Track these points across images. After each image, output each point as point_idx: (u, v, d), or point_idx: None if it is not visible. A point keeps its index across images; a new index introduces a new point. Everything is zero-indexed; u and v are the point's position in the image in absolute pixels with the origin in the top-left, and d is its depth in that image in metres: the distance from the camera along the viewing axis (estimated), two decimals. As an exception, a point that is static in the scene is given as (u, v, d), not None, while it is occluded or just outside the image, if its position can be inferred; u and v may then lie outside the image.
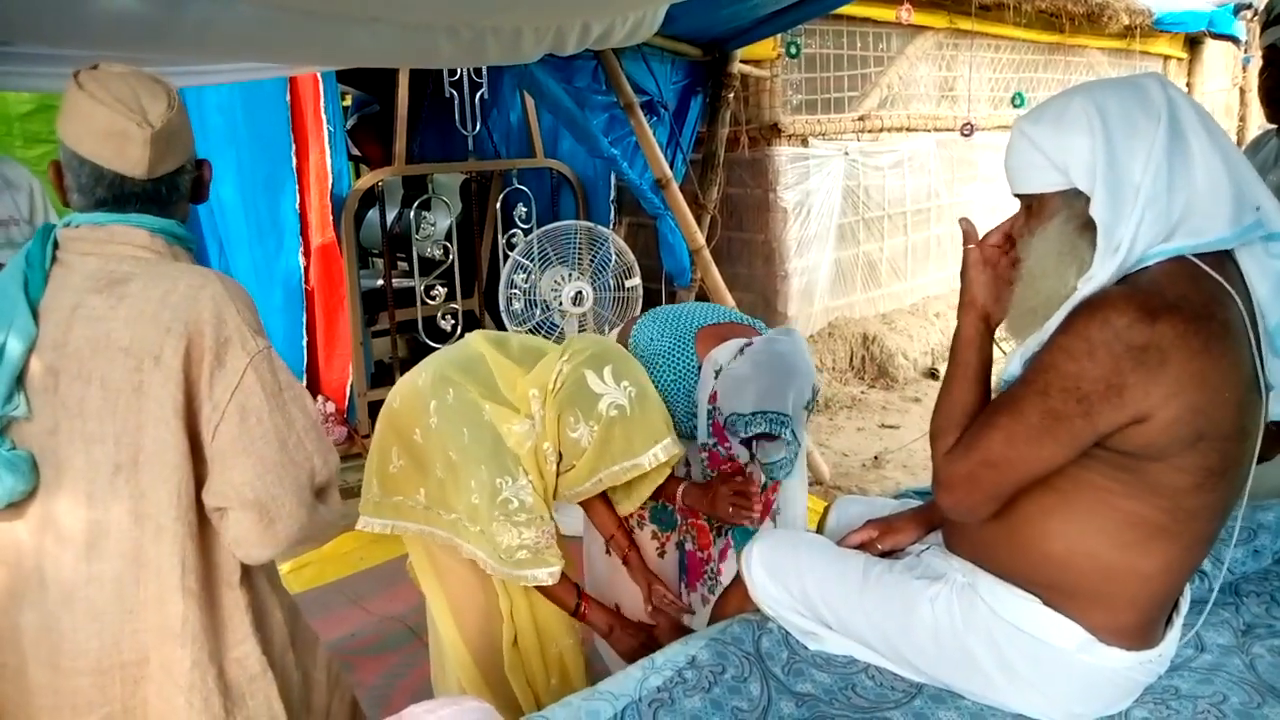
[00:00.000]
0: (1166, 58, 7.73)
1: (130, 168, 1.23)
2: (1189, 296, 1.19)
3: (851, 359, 5.40)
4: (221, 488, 1.20)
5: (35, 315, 1.22)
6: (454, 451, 1.80)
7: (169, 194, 1.28)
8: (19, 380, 1.21)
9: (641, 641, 1.96)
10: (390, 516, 1.95)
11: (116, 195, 1.25)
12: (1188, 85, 8.00)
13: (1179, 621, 1.43)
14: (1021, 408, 1.26)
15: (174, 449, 1.19)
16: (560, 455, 1.85)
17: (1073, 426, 1.22)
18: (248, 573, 1.31)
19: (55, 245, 1.27)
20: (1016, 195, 1.38)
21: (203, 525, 1.24)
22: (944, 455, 1.35)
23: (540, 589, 1.85)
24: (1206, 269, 1.23)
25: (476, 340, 1.99)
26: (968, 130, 5.46)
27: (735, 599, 1.78)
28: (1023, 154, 1.32)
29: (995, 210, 6.48)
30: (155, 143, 1.23)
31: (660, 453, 1.80)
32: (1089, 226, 1.28)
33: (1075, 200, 1.29)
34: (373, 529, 1.98)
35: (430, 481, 1.87)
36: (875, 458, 4.27)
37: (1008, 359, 1.37)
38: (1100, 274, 1.25)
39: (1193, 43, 8.04)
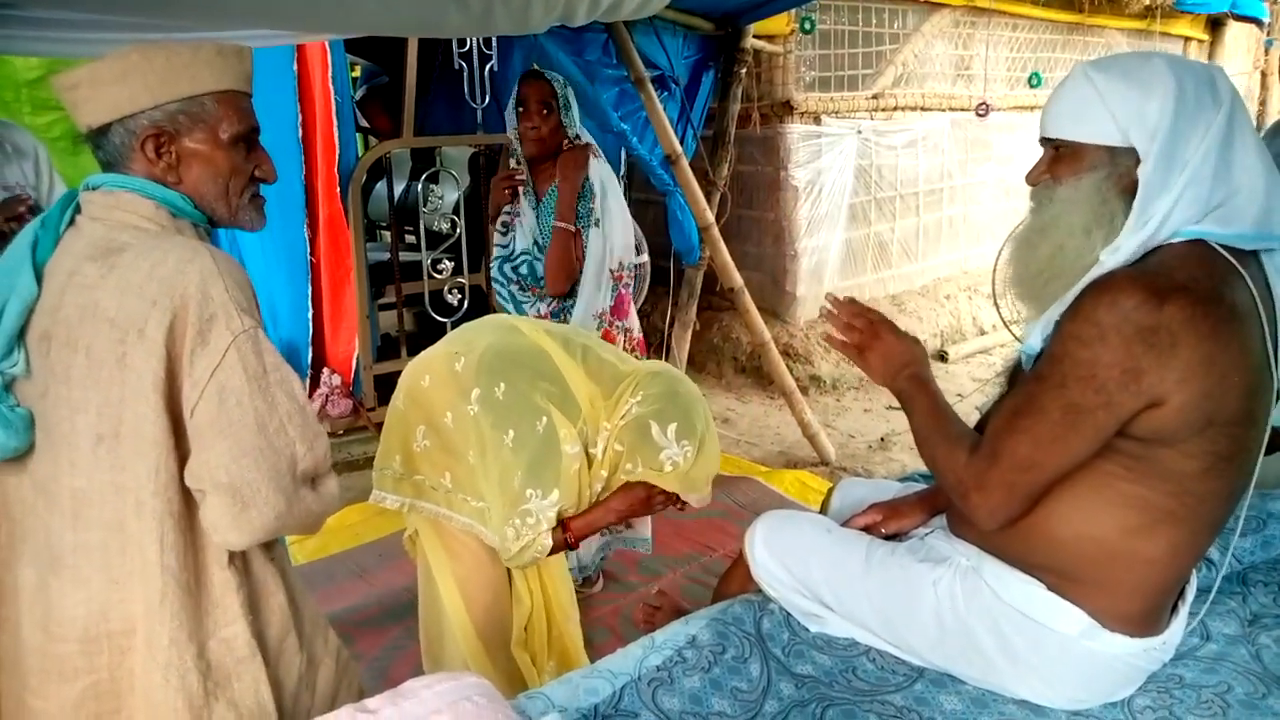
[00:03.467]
0: (1187, 39, 7.61)
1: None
2: (1198, 279, 1.19)
3: (860, 340, 5.37)
4: (197, 469, 1.18)
5: (39, 277, 1.21)
6: (490, 448, 1.76)
7: (97, 149, 1.25)
8: (21, 339, 1.21)
9: (644, 491, 1.87)
10: (409, 494, 1.93)
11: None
12: (1208, 68, 7.88)
13: (1184, 609, 1.42)
14: (1042, 404, 1.24)
15: (153, 424, 1.16)
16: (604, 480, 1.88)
17: (1096, 419, 1.21)
18: (242, 554, 1.28)
19: (77, 209, 1.26)
20: (1048, 138, 1.33)
21: (188, 503, 1.22)
22: (965, 466, 1.33)
23: None
24: (1220, 249, 1.21)
25: (536, 333, 1.89)
26: (983, 110, 5.39)
27: (737, 579, 1.78)
28: (1081, 98, 1.28)
29: (1009, 192, 6.41)
30: (60, 88, 1.20)
31: (695, 502, 1.88)
32: (1129, 190, 1.25)
33: (1123, 158, 1.26)
34: (386, 504, 1.96)
35: (460, 466, 1.84)
36: (881, 439, 4.26)
37: (1026, 332, 1.36)
38: (1126, 246, 1.23)
39: (1214, 24, 7.90)
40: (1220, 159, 1.21)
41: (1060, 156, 1.32)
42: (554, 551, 1.82)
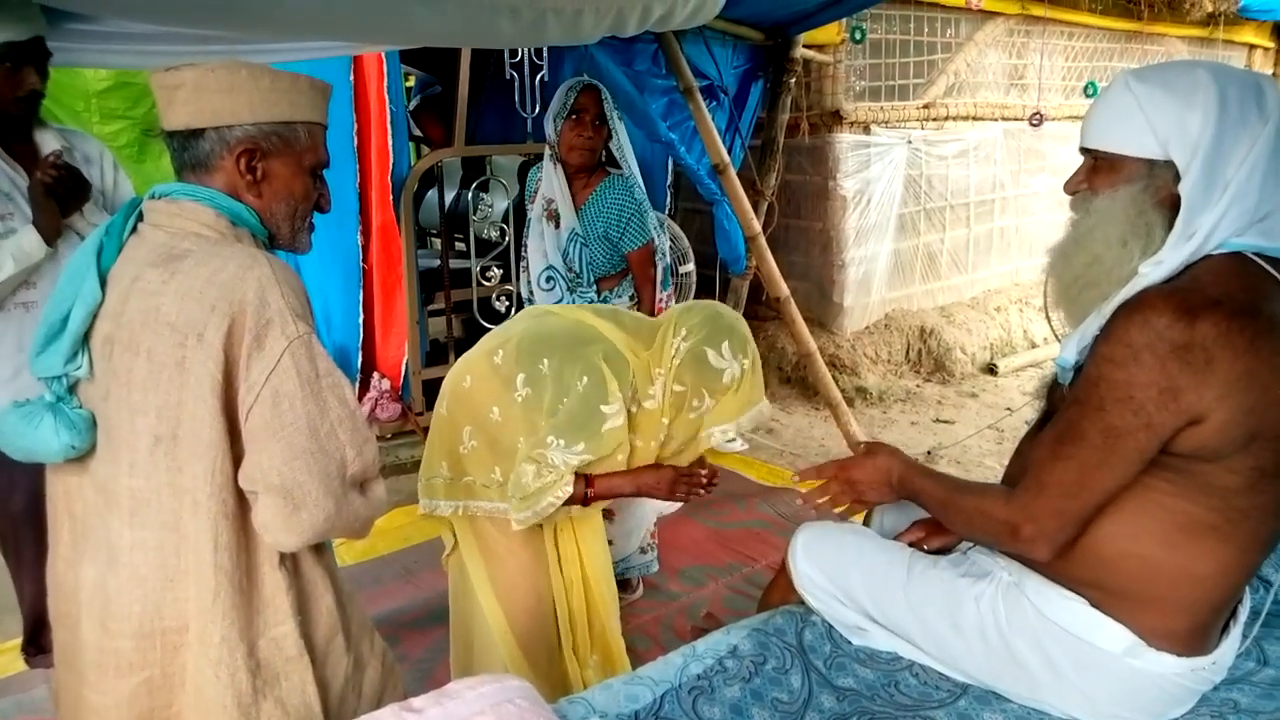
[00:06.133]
0: (1252, 47, 7.40)
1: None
2: (1232, 293, 1.17)
3: (908, 352, 5.31)
4: (251, 471, 1.20)
5: (104, 283, 1.26)
6: (541, 417, 1.80)
7: (182, 150, 1.28)
8: (85, 343, 1.26)
9: (673, 475, 1.91)
10: (462, 497, 1.95)
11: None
12: (1274, 76, 7.66)
13: (1236, 630, 1.38)
14: (1082, 430, 1.23)
15: (210, 427, 1.19)
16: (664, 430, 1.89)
17: (1136, 440, 1.20)
18: (293, 555, 1.31)
19: (140, 217, 1.31)
20: (1088, 148, 1.31)
21: (242, 504, 1.24)
22: (1007, 505, 1.32)
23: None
24: (1261, 262, 1.19)
25: (567, 311, 1.97)
26: (1037, 120, 5.30)
27: (779, 590, 1.77)
28: (1121, 108, 1.25)
29: (1063, 203, 6.28)
30: (159, 84, 1.24)
31: (753, 418, 1.88)
32: (1166, 203, 1.24)
33: (1161, 171, 1.24)
34: (439, 512, 1.97)
35: (507, 460, 1.86)
36: (928, 452, 4.20)
37: (1062, 344, 1.34)
38: (1170, 260, 1.22)
39: (1281, 32, 7.68)
40: (1268, 173, 1.19)
41: (1098, 167, 1.31)
42: (570, 502, 1.82)
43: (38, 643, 2.36)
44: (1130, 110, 1.24)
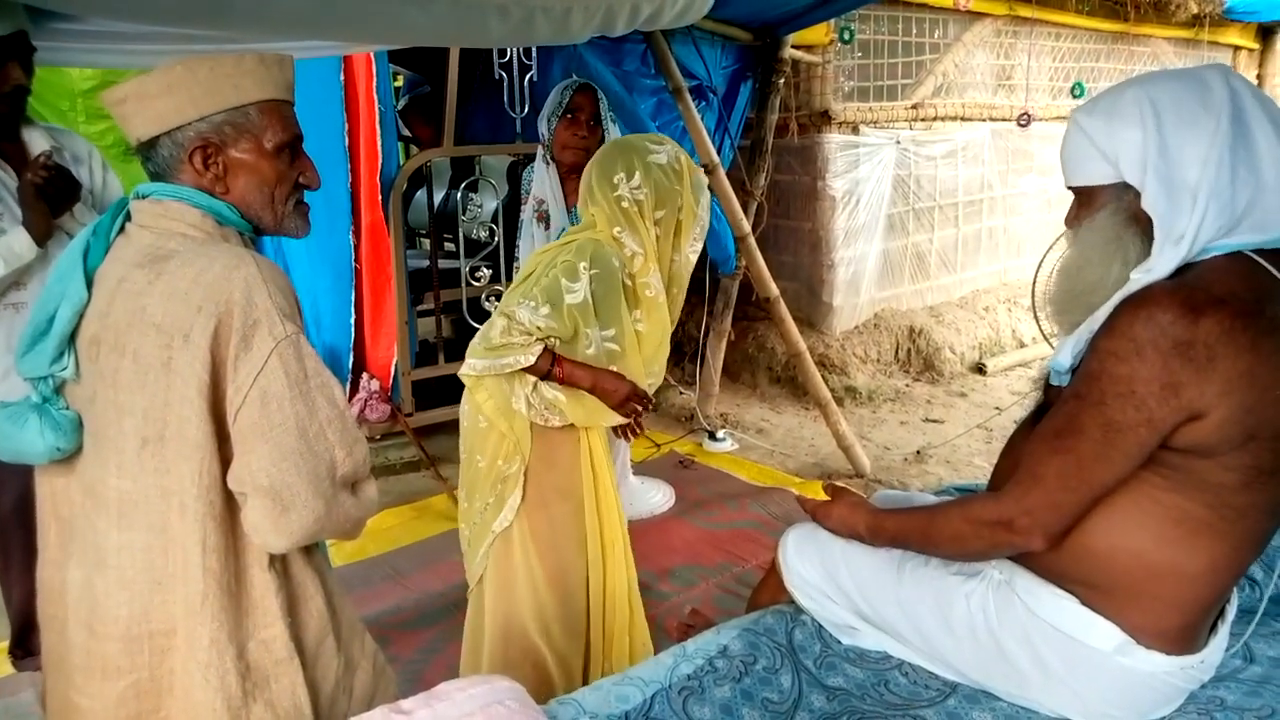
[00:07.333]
0: (1237, 48, 7.46)
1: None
2: (1236, 292, 1.18)
3: (897, 351, 5.32)
4: (240, 472, 1.19)
5: (90, 283, 1.25)
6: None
7: (146, 161, 1.27)
8: (71, 344, 1.25)
9: (630, 389, 2.02)
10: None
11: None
12: (1258, 78, 7.71)
13: (1224, 628, 1.39)
14: (1082, 423, 1.24)
15: (197, 428, 1.18)
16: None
17: (1137, 435, 1.20)
18: (282, 557, 1.29)
19: (128, 217, 1.29)
20: (1069, 187, 1.37)
21: (231, 506, 1.23)
22: (998, 503, 1.33)
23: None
24: (1263, 263, 1.20)
25: (530, 264, 2.09)
26: (1025, 120, 5.33)
27: (769, 590, 1.78)
28: (1075, 145, 1.32)
29: (1051, 203, 6.32)
30: (108, 103, 1.24)
31: (707, 204, 2.08)
32: (1138, 219, 1.27)
33: (1125, 193, 1.28)
34: (514, 513, 2.01)
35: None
36: (918, 452, 4.21)
37: (1057, 348, 1.35)
38: (1161, 265, 1.23)
39: (1266, 33, 7.73)
40: (1236, 162, 1.20)
41: (1079, 200, 1.37)
42: (533, 372, 1.93)
43: (25, 645, 2.35)
44: (1082, 143, 1.31)
